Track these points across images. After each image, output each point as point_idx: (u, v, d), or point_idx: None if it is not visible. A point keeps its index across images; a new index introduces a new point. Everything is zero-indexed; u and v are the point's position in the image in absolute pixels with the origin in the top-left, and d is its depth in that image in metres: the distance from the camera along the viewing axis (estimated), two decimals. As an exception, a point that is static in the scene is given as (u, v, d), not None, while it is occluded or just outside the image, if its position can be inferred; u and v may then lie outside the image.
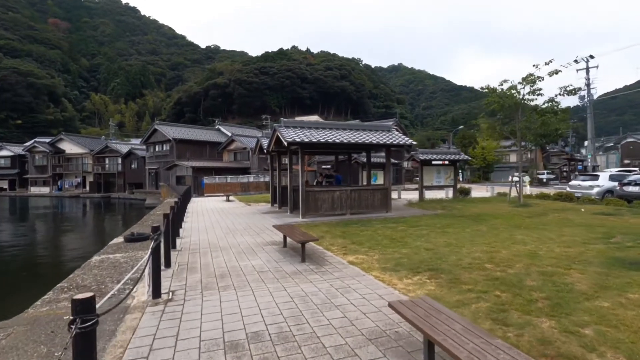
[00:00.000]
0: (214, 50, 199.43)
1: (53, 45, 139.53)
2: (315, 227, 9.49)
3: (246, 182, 29.41)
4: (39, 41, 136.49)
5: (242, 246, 7.26)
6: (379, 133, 12.75)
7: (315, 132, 11.68)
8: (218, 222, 11.15)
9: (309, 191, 11.52)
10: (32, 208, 35.72)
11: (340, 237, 7.93)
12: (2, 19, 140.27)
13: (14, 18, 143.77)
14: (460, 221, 9.93)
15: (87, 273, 5.57)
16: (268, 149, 13.10)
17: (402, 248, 6.60)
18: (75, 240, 18.76)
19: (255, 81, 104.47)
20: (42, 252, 15.40)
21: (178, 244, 7.56)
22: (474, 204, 14.41)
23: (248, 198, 22.60)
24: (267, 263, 5.82)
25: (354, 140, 11.49)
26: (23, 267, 12.31)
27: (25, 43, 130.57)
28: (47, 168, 47.18)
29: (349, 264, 5.63)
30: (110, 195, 42.67)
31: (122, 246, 7.68)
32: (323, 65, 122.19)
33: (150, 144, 39.21)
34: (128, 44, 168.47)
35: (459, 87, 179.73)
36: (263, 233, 8.87)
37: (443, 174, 16.59)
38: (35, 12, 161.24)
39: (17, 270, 11.88)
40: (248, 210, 14.94)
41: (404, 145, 12.24)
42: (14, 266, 12.50)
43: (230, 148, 38.05)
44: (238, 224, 10.74)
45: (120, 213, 32.24)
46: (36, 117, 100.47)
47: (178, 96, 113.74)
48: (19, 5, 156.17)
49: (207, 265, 5.76)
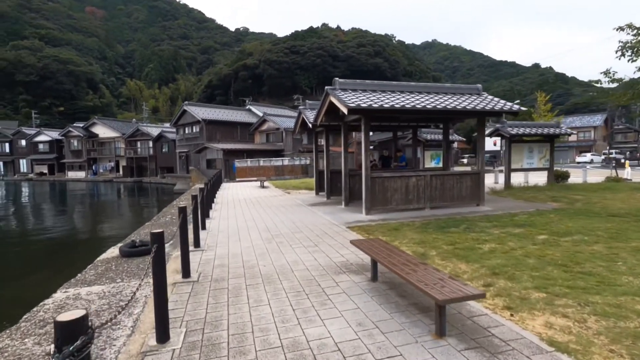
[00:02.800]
0: (243, 32, 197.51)
1: (90, 33, 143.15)
2: (395, 231, 6.39)
3: (280, 165, 26.69)
4: (77, 30, 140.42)
5: (298, 274, 4.30)
6: (466, 97, 9.25)
7: (383, 96, 8.41)
8: (254, 220, 8.32)
9: (376, 177, 8.37)
10: (70, 193, 35.41)
11: (455, 255, 4.77)
12: (43, 9, 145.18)
13: (53, 8, 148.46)
14: (618, 223, 6.43)
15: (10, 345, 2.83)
16: (316, 122, 10.01)
17: (607, 290, 3.35)
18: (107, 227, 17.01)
19: (285, 61, 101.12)
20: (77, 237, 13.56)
21: (197, 261, 4.77)
22: (594, 193, 10.66)
23: (285, 184, 19.84)
24: (359, 332, 2.81)
25: (441, 106, 8.10)
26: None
27: (65, 32, 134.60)
28: (82, 152, 47.23)
29: (550, 347, 2.49)
30: (142, 179, 41.86)
31: (114, 265, 4.99)
32: (355, 42, 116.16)
33: (180, 126, 37.45)
34: (160, 29, 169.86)
35: (498, 63, 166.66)
36: (323, 242, 5.90)
37: (537, 153, 12.77)
38: (74, 1, 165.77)
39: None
40: (289, 200, 12.07)
41: (509, 112, 8.68)
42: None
43: (262, 129, 35.43)
44: (281, 222, 7.85)
45: (149, 199, 30.86)
46: (76, 103, 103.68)
47: (208, 79, 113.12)
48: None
49: (241, 335, 2.84)
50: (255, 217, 8.64)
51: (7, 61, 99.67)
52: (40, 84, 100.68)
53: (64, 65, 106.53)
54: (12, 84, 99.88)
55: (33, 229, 16.78)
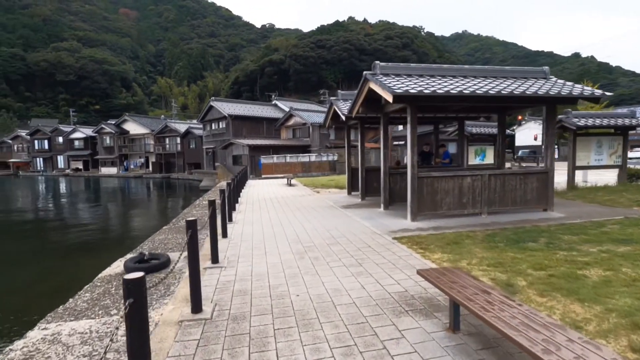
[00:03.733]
0: (269, 29, 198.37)
1: (124, 33, 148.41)
2: (455, 245, 5.13)
3: (307, 161, 25.70)
4: (111, 30, 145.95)
5: (343, 312, 3.19)
6: (532, 81, 7.75)
7: (432, 81, 7.11)
8: (282, 225, 7.29)
9: (424, 177, 7.11)
10: (102, 189, 36.26)
11: (556, 288, 3.47)
12: (81, 11, 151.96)
13: (90, 10, 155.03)
14: None
15: None
16: (351, 113, 8.83)
17: None
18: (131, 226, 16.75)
19: (311, 55, 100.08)
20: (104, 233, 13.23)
21: (214, 284, 3.77)
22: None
23: (313, 181, 18.80)
24: None
25: (506, 92, 6.69)
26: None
27: (100, 33, 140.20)
28: (114, 149, 48.47)
29: None
30: (170, 175, 42.31)
31: (114, 286, 4.09)
32: (383, 34, 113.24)
33: (207, 122, 37.33)
34: (189, 28, 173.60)
35: (534, 53, 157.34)
36: (367, 258, 4.75)
37: (606, 148, 10.95)
38: (109, 3, 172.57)
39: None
40: (319, 200, 11.00)
41: (589, 98, 7.11)
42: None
43: (288, 124, 34.58)
44: (314, 230, 6.77)
45: (175, 195, 30.86)
46: (111, 101, 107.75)
47: (235, 75, 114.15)
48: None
49: None
50: (283, 222, 7.62)
51: (48, 62, 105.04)
52: (78, 83, 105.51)
53: (99, 65, 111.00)
54: (52, 84, 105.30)
55: (57, 227, 16.69)
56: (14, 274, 9.49)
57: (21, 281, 8.86)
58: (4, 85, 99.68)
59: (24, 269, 9.98)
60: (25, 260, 10.86)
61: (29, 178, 49.85)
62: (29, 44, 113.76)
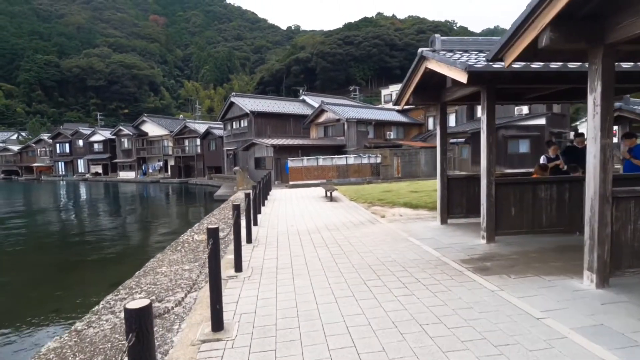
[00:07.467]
0: (294, 30, 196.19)
1: (153, 39, 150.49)
2: None
3: (344, 164, 20.94)
4: (141, 36, 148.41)
5: None
6: None
7: None
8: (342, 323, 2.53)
9: None
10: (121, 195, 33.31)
11: None
12: (113, 19, 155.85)
13: (121, 18, 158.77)
14: None
15: None
16: (398, 103, 4.02)
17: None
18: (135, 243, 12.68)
19: (339, 52, 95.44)
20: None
21: None
22: None
23: (358, 192, 13.74)
24: None
25: None
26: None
27: (131, 39, 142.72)
28: (132, 152, 45.92)
29: None
30: (188, 180, 38.89)
31: None
32: (414, 28, 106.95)
33: (228, 121, 33.49)
34: (216, 32, 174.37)
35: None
36: None
37: None
38: (139, 11, 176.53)
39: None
40: (392, 233, 6.20)
41: None
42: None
43: (319, 121, 29.98)
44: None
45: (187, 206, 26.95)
46: (140, 105, 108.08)
47: (260, 75, 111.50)
48: (125, 6, 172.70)
49: None
50: (342, 307, 2.86)
51: (80, 68, 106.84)
52: (108, 88, 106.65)
53: (128, 69, 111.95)
54: (84, 89, 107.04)
55: (58, 244, 13.14)
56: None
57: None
58: (39, 91, 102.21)
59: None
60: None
61: (51, 182, 48.49)
62: (63, 51, 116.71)
